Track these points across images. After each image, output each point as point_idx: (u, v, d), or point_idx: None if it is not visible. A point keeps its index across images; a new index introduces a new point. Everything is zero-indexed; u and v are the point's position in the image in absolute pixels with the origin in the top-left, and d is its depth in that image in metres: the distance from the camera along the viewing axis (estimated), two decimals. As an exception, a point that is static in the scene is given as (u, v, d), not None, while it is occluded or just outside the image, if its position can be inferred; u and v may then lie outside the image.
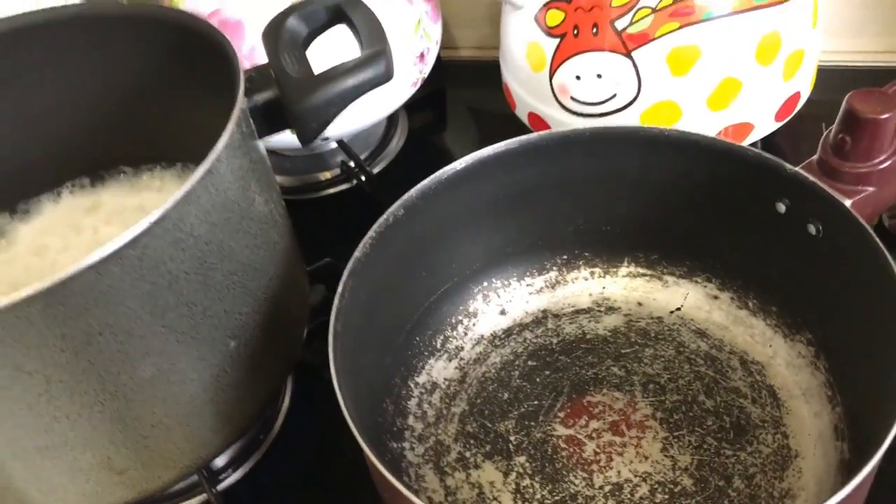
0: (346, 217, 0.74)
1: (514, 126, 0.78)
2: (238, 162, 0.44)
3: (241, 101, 0.44)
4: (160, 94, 0.57)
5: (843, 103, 0.45)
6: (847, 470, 0.44)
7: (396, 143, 0.79)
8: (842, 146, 0.45)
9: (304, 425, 0.59)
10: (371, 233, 0.47)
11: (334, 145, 0.77)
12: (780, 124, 0.64)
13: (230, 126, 0.43)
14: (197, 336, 0.44)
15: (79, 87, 0.57)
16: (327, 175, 0.77)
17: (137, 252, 0.39)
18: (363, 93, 0.46)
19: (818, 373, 0.49)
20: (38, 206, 0.61)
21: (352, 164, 0.75)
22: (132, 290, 0.40)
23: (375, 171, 0.76)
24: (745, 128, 0.62)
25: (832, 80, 0.68)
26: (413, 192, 0.49)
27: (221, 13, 0.64)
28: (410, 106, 0.75)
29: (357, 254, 0.46)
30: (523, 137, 0.51)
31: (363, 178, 0.73)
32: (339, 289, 0.44)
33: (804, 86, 0.64)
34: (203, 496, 0.54)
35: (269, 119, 0.48)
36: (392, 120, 0.80)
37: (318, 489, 0.55)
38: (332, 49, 0.54)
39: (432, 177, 0.49)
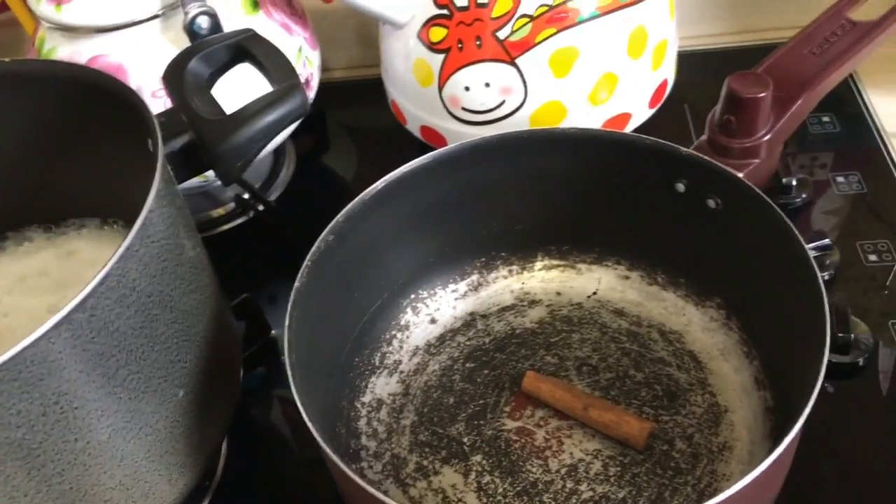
0: (248, 250, 0.74)
1: (396, 140, 0.80)
2: (167, 210, 0.44)
3: (162, 149, 0.44)
4: (48, 153, 0.55)
5: (724, 87, 0.50)
6: (773, 415, 0.49)
7: (286, 171, 0.79)
8: (728, 125, 0.49)
9: (245, 465, 0.59)
10: (307, 262, 0.47)
11: (220, 182, 0.76)
12: (653, 111, 0.69)
13: (157, 175, 0.42)
14: (147, 391, 0.43)
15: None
16: (220, 211, 0.76)
17: (86, 315, 0.38)
18: (284, 127, 0.46)
19: (732, 332, 0.53)
20: (-70, 282, 0.58)
21: (245, 196, 0.75)
22: (83, 353, 0.39)
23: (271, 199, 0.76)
24: (624, 118, 0.66)
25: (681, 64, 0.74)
26: (340, 216, 0.50)
27: (101, 59, 0.63)
28: (293, 132, 0.76)
29: (297, 284, 0.47)
30: (435, 152, 0.53)
31: (261, 208, 0.73)
32: (287, 321, 0.45)
33: (670, 73, 0.69)
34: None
35: (186, 163, 0.48)
36: (279, 149, 0.80)
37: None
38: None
39: (356, 199, 0.51)
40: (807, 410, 0.39)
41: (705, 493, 0.47)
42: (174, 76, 0.49)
